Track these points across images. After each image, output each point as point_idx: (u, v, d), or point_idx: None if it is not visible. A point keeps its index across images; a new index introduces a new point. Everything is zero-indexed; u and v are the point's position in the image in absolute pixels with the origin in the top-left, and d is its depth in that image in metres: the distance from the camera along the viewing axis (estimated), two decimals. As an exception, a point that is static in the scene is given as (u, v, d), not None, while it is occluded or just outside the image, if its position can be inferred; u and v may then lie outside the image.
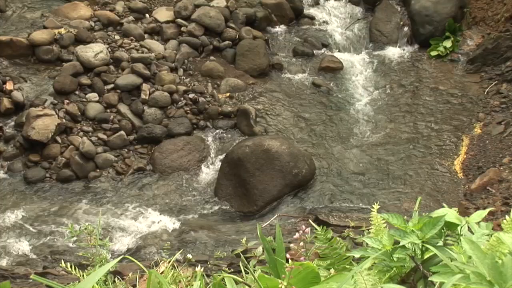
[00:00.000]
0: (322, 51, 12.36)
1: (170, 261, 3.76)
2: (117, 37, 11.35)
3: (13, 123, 9.91)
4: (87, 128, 10.03)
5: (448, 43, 12.08)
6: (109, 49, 10.94)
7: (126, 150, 10.04)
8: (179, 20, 11.81)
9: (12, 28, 11.45)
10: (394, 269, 2.67)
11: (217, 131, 10.49)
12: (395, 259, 2.65)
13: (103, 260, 4.38)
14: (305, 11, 13.07)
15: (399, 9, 12.95)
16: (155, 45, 11.31)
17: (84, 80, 10.48)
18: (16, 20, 11.70)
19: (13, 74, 10.49)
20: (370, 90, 11.59)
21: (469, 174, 9.58)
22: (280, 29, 12.64)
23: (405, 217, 2.74)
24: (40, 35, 10.92)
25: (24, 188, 9.37)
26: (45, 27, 11.21)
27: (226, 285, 2.53)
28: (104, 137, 9.99)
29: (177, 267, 3.91)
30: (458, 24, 12.36)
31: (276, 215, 8.92)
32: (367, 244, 2.73)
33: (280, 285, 2.34)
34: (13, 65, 10.67)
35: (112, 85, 10.46)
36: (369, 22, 12.93)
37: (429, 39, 12.28)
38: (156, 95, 10.44)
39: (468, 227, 2.80)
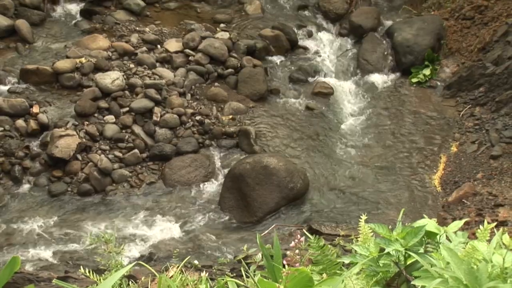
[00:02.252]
0: (315, 78, 12.37)
1: (178, 266, 3.74)
2: (132, 65, 11.37)
3: (38, 142, 9.91)
4: (105, 146, 10.03)
5: (427, 71, 12.10)
6: (125, 76, 10.96)
7: (139, 166, 10.03)
8: (187, 50, 11.84)
9: (39, 58, 11.48)
10: (380, 273, 2.66)
11: (221, 149, 10.48)
12: (381, 265, 2.65)
13: (119, 265, 4.36)
14: (300, 43, 13.10)
15: (383, 41, 12.97)
16: (166, 72, 11.32)
17: (102, 104, 10.49)
18: (42, 51, 11.73)
19: (39, 99, 10.51)
20: (358, 112, 11.60)
21: (447, 188, 9.57)
22: (277, 58, 12.65)
23: (390, 226, 2.73)
24: (63, 64, 10.94)
25: (48, 201, 9.35)
26: (67, 57, 11.24)
27: (229, 288, 2.51)
28: (120, 154, 9.99)
29: (185, 272, 3.89)
30: (436, 54, 12.39)
31: (274, 225, 8.89)
32: (355, 251, 2.73)
33: (277, 288, 2.33)
34: (39, 91, 10.69)
35: (127, 108, 10.47)
36: (357, 52, 12.95)
37: (410, 68, 12.30)
38: (167, 117, 10.44)
39: (446, 236, 2.80)
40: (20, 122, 10.01)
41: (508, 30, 11.50)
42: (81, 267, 3.88)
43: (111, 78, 10.74)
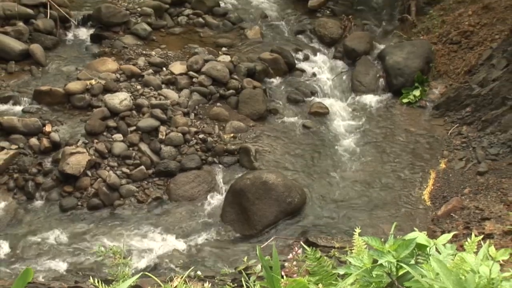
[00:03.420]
0: (311, 98, 12.40)
1: (182, 277, 3.73)
2: (138, 87, 11.39)
3: (51, 159, 9.90)
4: (113, 163, 10.02)
5: (417, 92, 12.14)
6: (132, 97, 10.98)
7: (145, 182, 10.02)
8: (191, 72, 11.88)
9: (51, 80, 11.50)
10: (373, 284, 2.65)
11: (223, 166, 10.47)
12: (374, 276, 2.64)
13: (126, 276, 4.35)
14: (297, 65, 13.15)
15: (376, 63, 13.04)
16: (171, 93, 11.35)
17: (111, 123, 10.50)
18: (55, 73, 11.77)
19: (51, 118, 10.52)
20: (352, 131, 11.62)
21: (436, 202, 9.56)
22: (276, 80, 12.69)
23: (382, 239, 2.73)
24: (74, 86, 10.97)
25: (59, 215, 9.33)
26: (78, 79, 11.27)
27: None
28: (127, 171, 9.98)
29: (189, 282, 3.88)
30: (425, 76, 12.44)
31: (273, 238, 8.87)
32: (350, 262, 2.72)
33: (276, 298, 2.33)
34: (52, 111, 10.70)
35: (134, 127, 10.48)
36: (351, 74, 13.00)
37: (401, 89, 12.34)
38: (171, 135, 10.45)
39: (436, 248, 2.79)
40: (33, 140, 10.01)
41: (492, 54, 11.55)
42: (90, 277, 3.87)
43: (119, 99, 10.76)
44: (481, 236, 2.99)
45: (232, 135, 10.93)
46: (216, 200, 9.89)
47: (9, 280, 7.51)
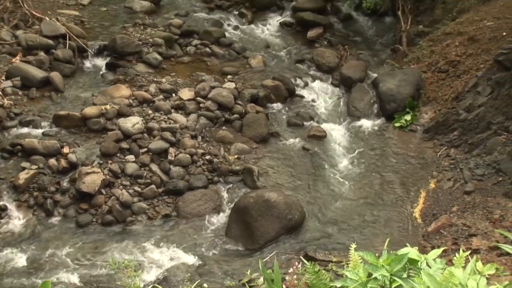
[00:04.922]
0: (310, 122, 12.41)
1: (190, 289, 3.73)
2: (150, 111, 11.43)
3: (68, 178, 9.92)
4: (126, 182, 10.03)
5: (408, 117, 12.16)
6: (144, 121, 11.01)
7: (156, 200, 10.01)
8: (198, 98, 11.91)
9: (69, 105, 11.55)
10: (368, 296, 2.65)
11: (228, 185, 10.47)
12: (369, 288, 2.64)
13: (137, 288, 4.34)
14: (297, 92, 13.19)
15: (370, 90, 13.07)
16: (180, 117, 11.37)
17: (124, 145, 10.52)
18: (72, 99, 11.81)
19: (69, 141, 10.55)
20: (348, 153, 11.62)
21: (426, 219, 9.53)
22: (277, 105, 12.72)
23: (377, 254, 2.73)
24: (90, 110, 11.01)
25: (76, 230, 9.32)
26: (94, 104, 11.31)
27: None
28: (139, 189, 9.98)
29: (196, 294, 3.87)
30: (416, 102, 12.47)
31: (274, 252, 8.84)
32: (346, 276, 2.72)
33: (278, 309, 2.33)
34: (69, 134, 10.73)
35: (145, 149, 10.50)
36: (346, 100, 13.04)
37: (394, 114, 12.36)
38: (180, 156, 10.47)
39: (427, 263, 2.79)
40: (52, 161, 10.04)
41: (477, 81, 11.58)
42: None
43: (132, 123, 10.80)
44: (469, 252, 2.99)
45: (236, 156, 10.94)
46: (221, 217, 9.87)
47: (28, 292, 7.50)
